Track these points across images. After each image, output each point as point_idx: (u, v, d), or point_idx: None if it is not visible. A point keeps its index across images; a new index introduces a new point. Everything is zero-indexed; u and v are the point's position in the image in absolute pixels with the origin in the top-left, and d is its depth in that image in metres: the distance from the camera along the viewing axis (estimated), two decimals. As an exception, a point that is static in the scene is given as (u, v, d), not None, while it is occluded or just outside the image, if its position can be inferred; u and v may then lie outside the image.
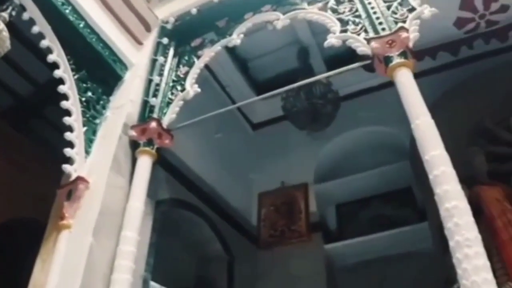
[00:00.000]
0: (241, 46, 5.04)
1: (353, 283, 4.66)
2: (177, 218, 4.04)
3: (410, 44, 2.74)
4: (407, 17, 2.88)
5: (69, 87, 3.02)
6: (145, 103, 3.39)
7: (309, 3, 3.33)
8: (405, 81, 2.59)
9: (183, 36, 3.82)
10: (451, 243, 1.98)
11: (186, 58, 3.70)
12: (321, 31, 3.11)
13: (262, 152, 5.38)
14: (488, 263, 1.90)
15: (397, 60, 2.64)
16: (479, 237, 1.96)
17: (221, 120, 4.82)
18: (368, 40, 2.79)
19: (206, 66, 4.93)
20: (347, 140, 5.14)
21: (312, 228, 4.76)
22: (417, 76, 4.89)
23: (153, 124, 3.14)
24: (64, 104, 2.98)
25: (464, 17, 4.42)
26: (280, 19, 3.35)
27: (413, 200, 4.78)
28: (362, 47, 2.84)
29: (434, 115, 4.50)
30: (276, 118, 5.25)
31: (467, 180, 3.93)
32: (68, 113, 2.99)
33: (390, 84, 4.99)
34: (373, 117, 4.88)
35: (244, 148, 5.37)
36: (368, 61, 2.85)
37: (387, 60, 2.67)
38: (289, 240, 4.79)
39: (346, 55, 3.05)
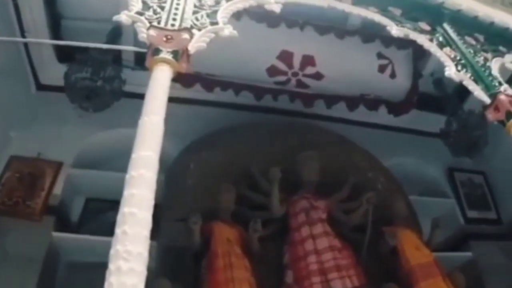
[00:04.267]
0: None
1: (71, 280, 4.35)
2: None
3: (191, 50, 2.61)
4: (206, 27, 2.79)
5: None
6: None
7: (132, -22, 3.10)
8: (160, 78, 2.40)
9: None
10: (111, 251, 1.75)
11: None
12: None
13: (35, 116, 4.82)
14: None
15: (164, 55, 2.46)
16: (143, 254, 1.75)
17: (4, 64, 4.30)
18: (149, 28, 2.62)
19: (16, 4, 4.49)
20: (122, 136, 4.77)
21: (48, 210, 4.31)
22: (214, 104, 4.92)
23: None
24: None
25: (279, 67, 4.47)
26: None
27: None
28: (143, 34, 2.65)
29: (207, 143, 4.52)
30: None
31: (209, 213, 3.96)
32: None
33: (189, 101, 4.95)
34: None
35: (18, 104, 4.74)
36: (144, 50, 2.64)
37: (155, 51, 2.49)
38: (19, 214, 4.25)
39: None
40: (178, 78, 4.39)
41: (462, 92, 4.80)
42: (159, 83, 2.38)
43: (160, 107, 2.27)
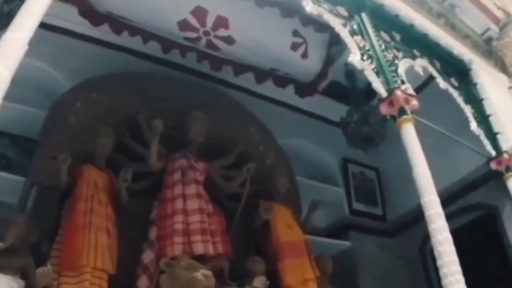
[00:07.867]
0: None
1: None
2: None
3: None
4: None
5: None
6: None
7: None
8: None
9: None
10: None
11: None
12: None
13: None
14: None
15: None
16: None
17: None
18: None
19: None
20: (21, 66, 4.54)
21: None
22: (119, 48, 4.69)
23: None
24: None
25: (191, 23, 4.28)
26: None
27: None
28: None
29: (100, 84, 4.32)
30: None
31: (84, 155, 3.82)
32: None
33: (94, 40, 4.69)
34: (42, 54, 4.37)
35: None
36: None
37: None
38: None
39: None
40: (87, 15, 4.27)
41: (372, 90, 4.85)
42: (36, 2, 2.24)
43: (29, 26, 2.16)
